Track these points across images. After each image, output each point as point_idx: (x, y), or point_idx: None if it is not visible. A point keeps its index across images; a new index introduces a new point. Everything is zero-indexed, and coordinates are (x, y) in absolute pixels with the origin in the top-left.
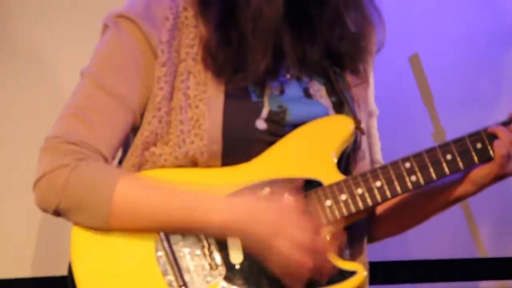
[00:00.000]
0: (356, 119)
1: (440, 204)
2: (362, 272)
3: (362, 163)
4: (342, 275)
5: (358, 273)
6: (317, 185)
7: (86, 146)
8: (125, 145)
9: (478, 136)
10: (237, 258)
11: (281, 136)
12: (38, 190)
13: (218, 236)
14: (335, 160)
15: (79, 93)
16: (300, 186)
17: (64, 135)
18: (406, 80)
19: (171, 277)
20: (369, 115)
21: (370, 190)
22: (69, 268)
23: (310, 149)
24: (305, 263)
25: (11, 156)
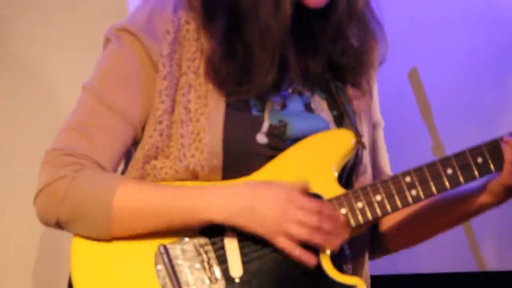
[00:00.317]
0: (357, 133)
1: (460, 215)
2: (361, 286)
3: (363, 177)
4: None
5: (358, 287)
6: (317, 198)
7: (85, 158)
8: (126, 158)
9: (479, 150)
10: (236, 271)
11: (281, 150)
12: (38, 203)
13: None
14: (336, 174)
15: (81, 107)
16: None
17: (64, 148)
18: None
19: None
20: (373, 127)
21: (370, 204)
22: (69, 282)
23: (311, 163)
24: (319, 226)
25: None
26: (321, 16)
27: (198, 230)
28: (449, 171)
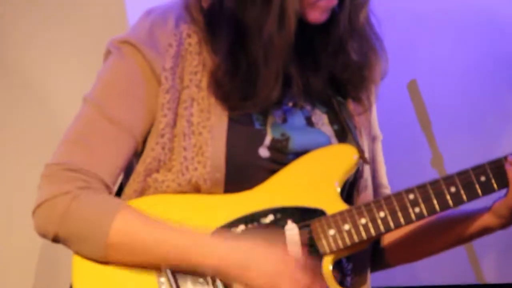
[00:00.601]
0: (360, 149)
1: (462, 235)
2: None
3: (364, 193)
4: None
5: None
6: (320, 214)
7: (87, 173)
8: (127, 170)
9: (482, 169)
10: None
11: (284, 164)
12: (37, 216)
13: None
14: (339, 189)
15: (81, 120)
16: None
17: (65, 162)
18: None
19: None
20: (372, 140)
21: (373, 221)
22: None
23: (313, 178)
24: None
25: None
26: (323, 32)
27: None
28: (453, 189)
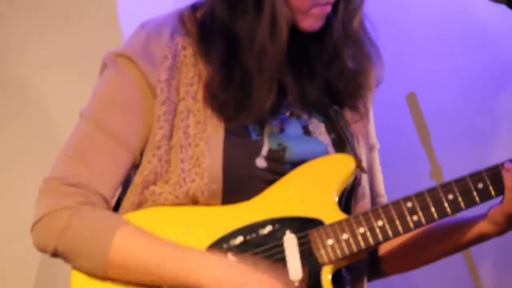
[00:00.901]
0: (357, 158)
1: (459, 243)
2: None
3: (362, 201)
4: None
5: None
6: (318, 224)
7: (85, 188)
8: (124, 182)
9: (480, 176)
10: None
11: (281, 174)
12: (36, 231)
13: None
14: (337, 199)
15: (78, 134)
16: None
17: (63, 177)
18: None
19: None
20: (370, 149)
21: (372, 230)
22: None
23: (311, 188)
24: None
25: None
26: (317, 40)
27: None
28: (450, 196)
